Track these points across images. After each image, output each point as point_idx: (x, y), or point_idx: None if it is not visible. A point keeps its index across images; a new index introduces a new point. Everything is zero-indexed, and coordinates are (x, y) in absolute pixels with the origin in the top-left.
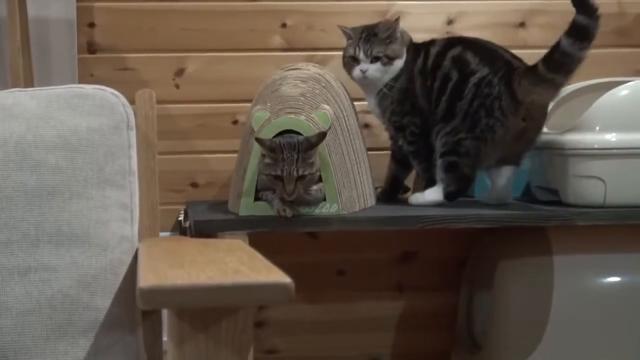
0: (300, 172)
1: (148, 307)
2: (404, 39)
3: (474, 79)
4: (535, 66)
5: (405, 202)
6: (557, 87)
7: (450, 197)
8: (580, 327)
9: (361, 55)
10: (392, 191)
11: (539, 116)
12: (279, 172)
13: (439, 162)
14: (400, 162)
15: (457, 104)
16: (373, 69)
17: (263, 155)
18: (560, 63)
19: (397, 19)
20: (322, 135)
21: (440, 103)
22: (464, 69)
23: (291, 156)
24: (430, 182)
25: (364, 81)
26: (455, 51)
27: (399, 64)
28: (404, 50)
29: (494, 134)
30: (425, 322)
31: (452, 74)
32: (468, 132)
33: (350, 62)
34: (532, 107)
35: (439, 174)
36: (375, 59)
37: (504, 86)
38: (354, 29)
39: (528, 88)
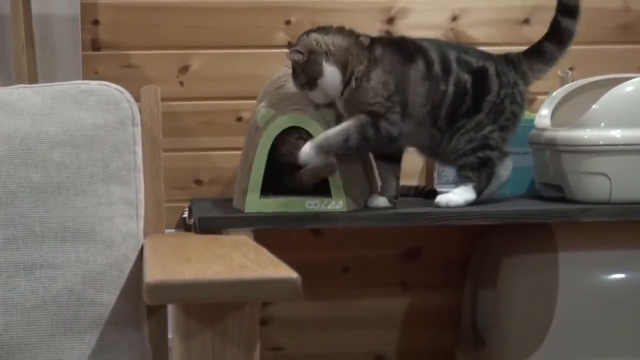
0: None
1: (155, 302)
2: (306, 58)
3: (492, 72)
4: (537, 46)
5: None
6: (553, 61)
7: (480, 194)
8: (585, 324)
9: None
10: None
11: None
12: None
13: (464, 160)
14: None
15: (486, 98)
16: (312, 96)
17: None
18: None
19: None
20: None
21: (464, 102)
22: (470, 68)
23: None
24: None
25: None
26: (452, 54)
27: (325, 81)
28: (321, 67)
29: (517, 120)
30: (429, 319)
31: (464, 76)
32: (493, 123)
33: None
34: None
35: (466, 172)
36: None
37: (514, 72)
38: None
39: (537, 67)
